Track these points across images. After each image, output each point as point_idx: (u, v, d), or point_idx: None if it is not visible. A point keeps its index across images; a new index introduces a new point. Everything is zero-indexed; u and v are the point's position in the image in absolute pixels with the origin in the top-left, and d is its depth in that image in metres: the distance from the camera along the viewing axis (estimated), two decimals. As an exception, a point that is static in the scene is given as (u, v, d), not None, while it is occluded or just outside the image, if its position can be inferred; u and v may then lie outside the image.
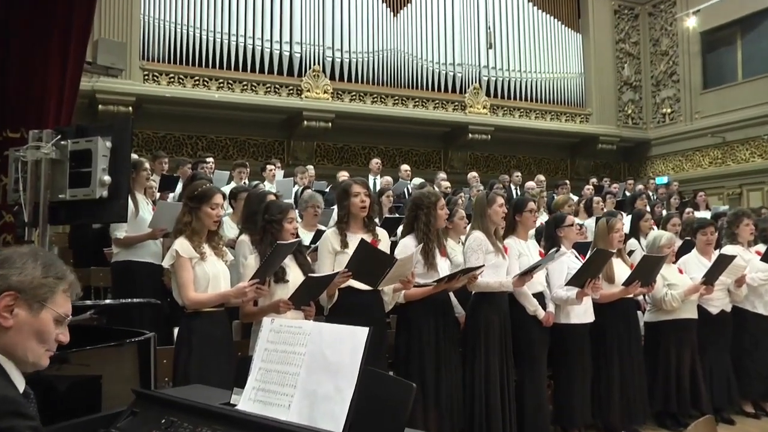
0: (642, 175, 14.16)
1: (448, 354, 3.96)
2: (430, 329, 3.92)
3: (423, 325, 3.92)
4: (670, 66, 14.07)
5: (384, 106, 11.69)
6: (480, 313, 4.19)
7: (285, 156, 11.19)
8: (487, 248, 4.19)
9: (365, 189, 3.79)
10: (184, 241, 3.28)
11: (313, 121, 10.97)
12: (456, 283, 3.90)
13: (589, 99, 13.79)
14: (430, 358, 3.89)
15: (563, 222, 4.70)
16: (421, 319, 3.93)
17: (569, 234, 4.68)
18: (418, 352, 3.89)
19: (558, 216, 4.99)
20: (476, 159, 13.00)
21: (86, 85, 8.90)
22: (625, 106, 14.31)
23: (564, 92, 13.57)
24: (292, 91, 10.99)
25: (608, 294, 4.64)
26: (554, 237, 4.65)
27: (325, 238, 3.78)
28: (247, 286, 3.18)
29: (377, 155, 11.19)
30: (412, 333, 3.93)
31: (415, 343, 3.90)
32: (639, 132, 14.33)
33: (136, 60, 9.89)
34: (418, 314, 3.94)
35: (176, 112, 10.20)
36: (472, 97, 12.40)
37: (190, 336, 3.23)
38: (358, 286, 3.62)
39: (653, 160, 14.32)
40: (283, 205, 3.63)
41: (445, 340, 3.96)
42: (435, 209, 3.97)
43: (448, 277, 3.82)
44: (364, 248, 3.44)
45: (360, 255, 3.41)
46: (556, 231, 4.67)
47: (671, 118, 14.01)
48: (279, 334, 1.77)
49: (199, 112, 10.38)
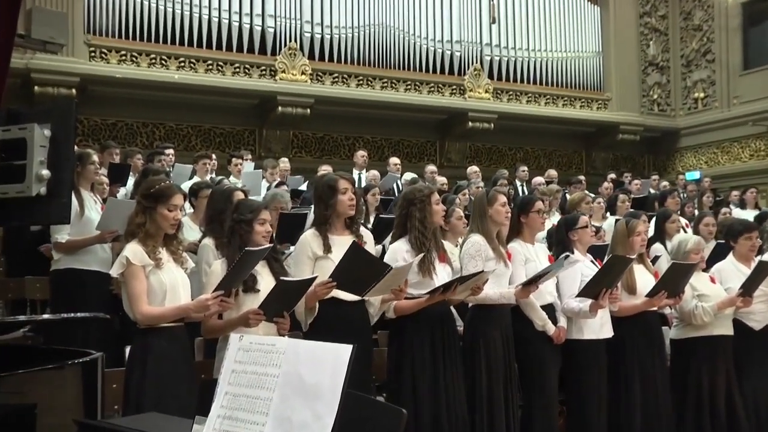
0: (669, 170, 14.25)
1: (447, 375, 3.96)
2: (425, 346, 3.92)
3: (417, 341, 3.92)
4: (704, 43, 14.15)
5: (371, 90, 11.69)
6: (479, 330, 4.20)
7: (256, 147, 11.17)
8: (486, 254, 4.19)
9: (353, 185, 3.81)
10: (136, 246, 3.28)
11: (289, 107, 10.95)
12: (452, 295, 3.88)
13: (609, 82, 13.86)
14: (425, 379, 3.88)
15: (576, 223, 4.72)
16: (415, 334, 3.93)
17: (583, 237, 4.71)
18: (411, 372, 3.89)
19: (569, 217, 5.02)
20: (477, 151, 13.03)
21: (19, 62, 8.83)
22: (651, 90, 14.40)
23: (579, 74, 13.63)
24: (265, 72, 10.97)
25: (629, 306, 4.66)
26: (566, 241, 4.67)
27: (303, 241, 3.77)
28: (210, 299, 3.17)
29: (363, 146, 11.20)
30: (405, 350, 3.94)
31: (408, 362, 3.90)
32: (666, 120, 14.43)
33: (80, 34, 9.83)
34: (412, 328, 3.94)
35: (128, 95, 10.16)
36: (473, 80, 12.43)
37: (144, 356, 3.23)
38: (342, 296, 3.63)
39: (683, 153, 14.42)
40: (255, 203, 3.63)
41: (445, 359, 3.96)
42: (429, 204, 3.97)
43: (443, 287, 3.82)
44: (357, 253, 3.44)
45: (350, 260, 3.41)
46: (567, 234, 4.69)
47: (705, 103, 14.11)
48: (248, 352, 1.77)
49: (156, 96, 10.34)
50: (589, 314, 4.39)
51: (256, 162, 9.57)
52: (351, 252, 3.42)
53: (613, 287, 4.36)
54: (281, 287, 3.24)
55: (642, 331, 4.72)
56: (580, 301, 4.40)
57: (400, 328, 4.01)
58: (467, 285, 3.89)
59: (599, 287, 4.29)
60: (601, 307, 4.36)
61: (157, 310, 3.25)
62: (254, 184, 7.62)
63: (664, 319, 5.29)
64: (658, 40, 14.52)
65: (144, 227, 3.31)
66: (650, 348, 4.74)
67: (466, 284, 3.87)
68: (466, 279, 3.85)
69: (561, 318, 4.48)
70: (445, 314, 4.08)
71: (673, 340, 5.08)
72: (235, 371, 1.76)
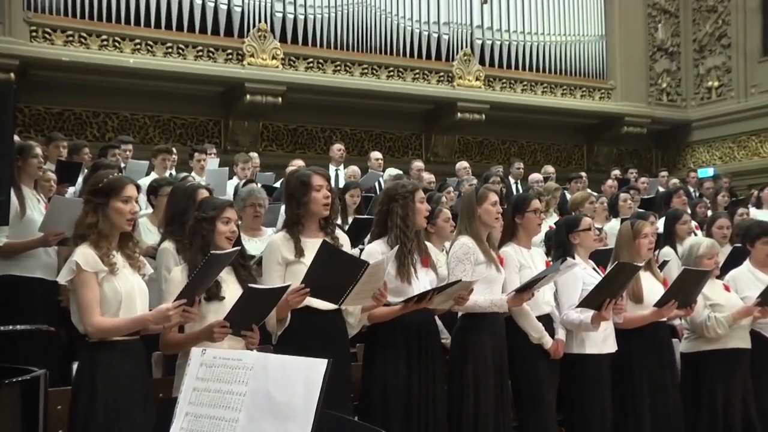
0: (680, 166, 14.38)
1: (430, 392, 3.96)
2: (400, 359, 3.92)
3: (390, 353, 3.93)
4: (718, 26, 14.28)
5: (349, 77, 11.69)
6: (468, 341, 4.21)
7: (222, 140, 11.14)
8: (476, 258, 4.19)
9: (328, 182, 3.81)
10: (87, 250, 3.25)
11: (258, 96, 10.93)
12: (429, 305, 3.87)
13: (612, 69, 13.97)
14: (406, 397, 3.89)
15: (577, 225, 4.74)
16: (388, 345, 3.94)
17: (585, 240, 4.73)
18: (392, 389, 3.89)
19: (570, 218, 5.04)
20: (467, 145, 13.07)
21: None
22: (659, 79, 14.53)
23: (580, 60, 13.72)
24: (231, 56, 10.95)
25: (635, 317, 4.68)
26: (567, 244, 4.69)
27: (272, 245, 3.78)
28: (171, 309, 3.16)
29: (340, 140, 11.18)
30: (376, 363, 3.94)
31: (379, 376, 3.91)
32: (676, 111, 14.56)
33: (19, 10, 9.72)
34: (386, 338, 3.95)
35: (76, 81, 10.08)
36: (462, 66, 12.48)
37: (93, 373, 3.20)
38: (317, 305, 3.63)
39: (695, 148, 14.56)
40: (218, 200, 3.63)
41: (427, 374, 3.97)
42: (413, 202, 3.98)
43: (418, 297, 3.82)
44: (328, 252, 3.44)
45: (322, 261, 3.41)
46: (568, 237, 4.71)
47: (719, 93, 14.24)
48: (212, 368, 1.77)
49: (108, 82, 10.27)
50: (591, 327, 4.40)
51: (221, 157, 9.55)
52: (322, 252, 3.42)
53: (618, 297, 4.36)
54: (250, 296, 3.22)
55: (651, 344, 4.74)
56: (580, 311, 4.41)
57: (373, 338, 4.03)
58: (447, 294, 3.89)
59: (602, 297, 4.28)
60: (604, 319, 4.36)
61: (110, 321, 3.23)
62: (220, 181, 7.61)
63: (674, 331, 5.34)
64: (668, 22, 14.65)
65: (96, 227, 3.29)
66: (660, 363, 4.76)
67: (445, 293, 3.87)
68: (444, 288, 3.85)
69: (559, 330, 4.50)
70: (426, 324, 4.06)
71: (683, 353, 5.12)
72: (197, 389, 1.76)
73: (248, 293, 3.22)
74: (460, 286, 3.87)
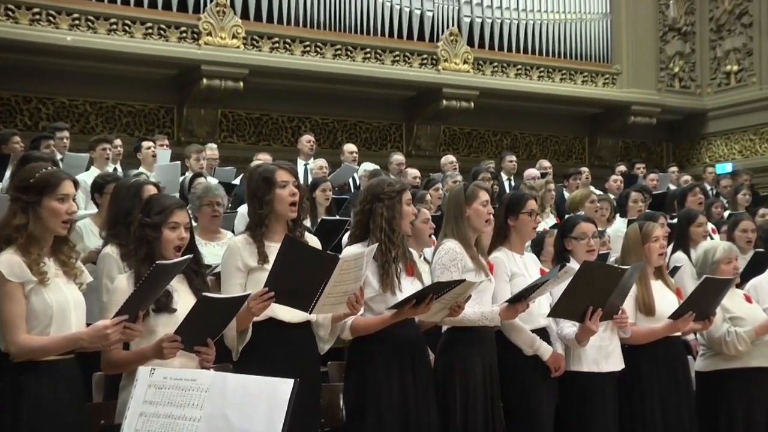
0: (694, 161, 14.50)
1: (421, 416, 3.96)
2: (393, 378, 3.92)
3: (383, 372, 3.92)
4: (738, 3, 14.36)
5: (320, 59, 11.69)
6: (454, 358, 4.21)
7: (174, 130, 11.13)
8: (464, 264, 4.20)
9: (294, 178, 3.81)
10: (12, 257, 3.21)
11: (217, 79, 10.90)
12: (425, 311, 3.84)
13: (618, 51, 14.06)
14: (392, 422, 3.88)
15: (571, 230, 4.76)
16: (380, 363, 3.93)
17: (577, 249, 4.72)
18: (376, 413, 3.89)
19: (566, 223, 5.03)
20: (453, 137, 13.12)
21: None
22: (671, 62, 14.64)
23: (581, 41, 13.80)
24: (186, 34, 10.91)
25: (646, 331, 4.70)
26: (562, 250, 4.74)
27: (232, 249, 3.77)
28: (109, 326, 3.11)
29: (310, 130, 11.21)
30: (368, 383, 3.93)
31: (372, 398, 3.91)
32: (690, 99, 14.68)
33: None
34: (377, 354, 3.94)
35: (5, 61, 9.99)
36: (448, 47, 12.51)
37: (16, 400, 3.16)
38: (283, 315, 3.62)
39: (711, 140, 14.68)
40: (166, 201, 3.58)
41: (418, 396, 3.97)
42: (400, 203, 4.00)
43: (415, 297, 3.79)
44: (293, 248, 3.43)
45: (286, 260, 3.39)
46: (563, 242, 4.75)
47: (739, 78, 14.36)
48: (162, 390, 1.79)
49: (43, 64, 10.20)
50: (577, 343, 4.38)
51: (174, 149, 9.50)
52: (285, 248, 3.40)
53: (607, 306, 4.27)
54: (205, 306, 3.20)
55: (663, 362, 4.75)
56: (572, 324, 4.41)
57: (360, 354, 4.01)
58: (445, 300, 3.87)
59: (581, 304, 4.22)
60: (590, 332, 4.32)
61: (39, 340, 3.18)
62: (171, 177, 7.59)
63: (688, 347, 5.37)
64: (681, -1, 14.73)
65: (25, 230, 3.25)
66: (674, 383, 4.77)
67: (444, 298, 3.85)
68: (445, 288, 3.82)
69: (557, 345, 4.52)
70: (417, 340, 4.08)
71: (699, 372, 5.14)
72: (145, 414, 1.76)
73: (203, 303, 3.20)
74: (462, 288, 3.84)
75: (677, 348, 4.89)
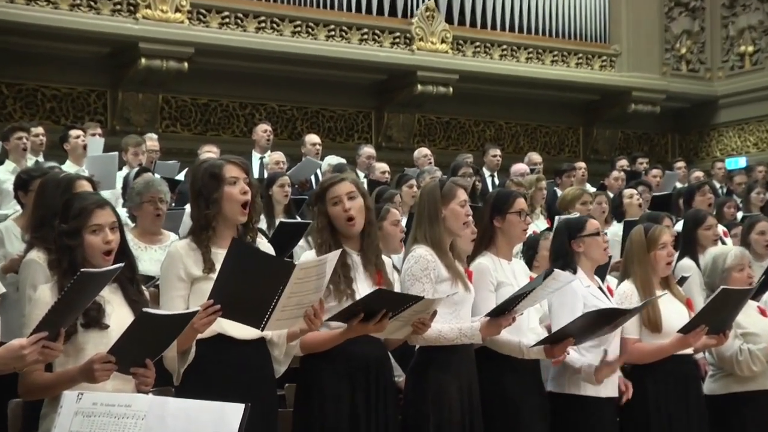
0: (703, 155, 14.58)
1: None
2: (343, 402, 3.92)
3: (331, 394, 3.92)
4: (755, -27, 14.33)
5: (277, 37, 11.68)
6: (428, 380, 4.19)
7: (108, 117, 11.08)
8: (438, 274, 4.18)
9: (246, 174, 3.79)
10: None
11: (157, 59, 10.85)
12: (379, 329, 3.79)
13: (617, 30, 14.12)
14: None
15: (581, 229, 4.76)
16: (331, 385, 3.93)
17: (591, 248, 4.73)
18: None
19: (572, 221, 5.05)
20: (429, 126, 13.16)
21: None
22: (677, 42, 14.73)
23: (575, 18, 13.86)
24: (121, 7, 10.86)
25: (652, 349, 4.72)
26: (568, 254, 4.70)
27: (173, 256, 3.74)
28: (26, 345, 3.05)
29: (266, 118, 11.19)
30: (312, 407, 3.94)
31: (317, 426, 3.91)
32: (699, 84, 14.75)
33: None
34: (328, 376, 3.94)
35: None
36: (424, 24, 12.52)
37: None
38: (232, 332, 3.61)
39: (722, 131, 14.77)
40: (83, 201, 3.51)
41: (370, 421, 3.96)
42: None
43: (362, 309, 3.73)
44: (242, 253, 3.41)
45: (234, 266, 3.36)
46: (570, 244, 4.73)
47: (754, 61, 14.46)
48: (91, 418, 1.79)
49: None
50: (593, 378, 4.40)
51: (108, 139, 9.41)
52: (233, 253, 3.37)
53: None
54: (145, 324, 3.17)
55: (673, 382, 4.77)
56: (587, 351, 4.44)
57: (308, 373, 4.01)
58: (404, 318, 3.84)
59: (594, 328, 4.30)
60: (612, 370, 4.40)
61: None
62: (106, 170, 7.52)
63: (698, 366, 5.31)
64: (688, -29, 14.80)
65: None
66: (684, 406, 4.78)
67: (402, 316, 3.81)
68: (400, 303, 3.77)
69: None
70: (376, 359, 4.06)
71: (708, 396, 5.10)
72: (70, 444, 1.74)
73: (142, 320, 3.17)
74: (422, 306, 3.81)
75: (688, 367, 4.89)
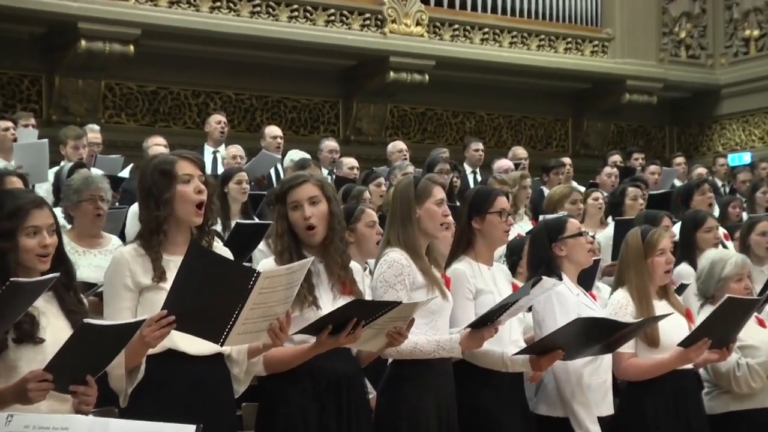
0: (704, 149, 14.66)
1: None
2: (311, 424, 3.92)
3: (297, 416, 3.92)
4: (761, -51, 14.37)
5: (235, 18, 11.67)
6: (402, 397, 4.21)
7: (43, 105, 11.05)
8: (413, 280, 4.20)
9: (200, 171, 3.79)
10: None
11: (99, 41, 10.80)
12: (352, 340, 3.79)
13: (610, 13, 14.17)
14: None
15: (562, 231, 4.80)
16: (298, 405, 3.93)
17: (575, 251, 4.78)
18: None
19: (551, 221, 5.09)
20: (403, 118, 13.19)
21: None
22: (675, 26, 14.78)
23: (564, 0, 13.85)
24: (56, -16, 10.80)
25: (650, 364, 4.75)
26: (550, 258, 4.74)
27: (118, 263, 3.73)
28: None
29: (221, 108, 11.17)
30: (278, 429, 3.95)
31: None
32: (700, 72, 14.82)
33: None
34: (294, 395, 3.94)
35: None
36: (397, 5, 12.53)
37: None
38: (185, 347, 3.61)
39: (725, 123, 14.86)
40: (18, 200, 3.48)
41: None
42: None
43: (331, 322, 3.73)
44: (200, 258, 3.41)
45: (191, 274, 3.35)
46: (551, 248, 4.77)
47: (760, 47, 14.54)
48: None
49: None
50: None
51: (42, 130, 9.36)
52: (191, 257, 3.37)
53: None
54: (86, 337, 3.16)
55: (672, 399, 4.80)
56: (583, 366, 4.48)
57: (272, 393, 4.01)
58: (378, 326, 3.84)
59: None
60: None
61: None
62: (37, 162, 7.49)
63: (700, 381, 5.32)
64: (688, -51, 14.82)
65: None
66: (685, 425, 4.82)
67: (376, 323, 3.81)
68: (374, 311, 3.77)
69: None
70: (348, 375, 4.06)
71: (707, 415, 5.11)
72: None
73: (83, 332, 3.14)
74: (399, 312, 3.80)
75: (688, 383, 4.92)
